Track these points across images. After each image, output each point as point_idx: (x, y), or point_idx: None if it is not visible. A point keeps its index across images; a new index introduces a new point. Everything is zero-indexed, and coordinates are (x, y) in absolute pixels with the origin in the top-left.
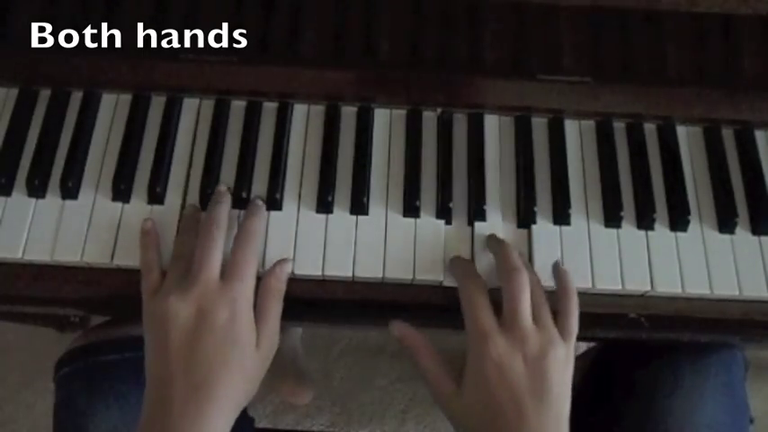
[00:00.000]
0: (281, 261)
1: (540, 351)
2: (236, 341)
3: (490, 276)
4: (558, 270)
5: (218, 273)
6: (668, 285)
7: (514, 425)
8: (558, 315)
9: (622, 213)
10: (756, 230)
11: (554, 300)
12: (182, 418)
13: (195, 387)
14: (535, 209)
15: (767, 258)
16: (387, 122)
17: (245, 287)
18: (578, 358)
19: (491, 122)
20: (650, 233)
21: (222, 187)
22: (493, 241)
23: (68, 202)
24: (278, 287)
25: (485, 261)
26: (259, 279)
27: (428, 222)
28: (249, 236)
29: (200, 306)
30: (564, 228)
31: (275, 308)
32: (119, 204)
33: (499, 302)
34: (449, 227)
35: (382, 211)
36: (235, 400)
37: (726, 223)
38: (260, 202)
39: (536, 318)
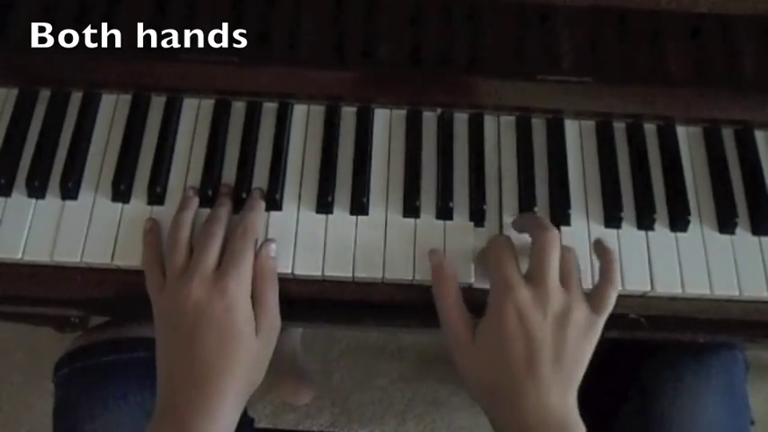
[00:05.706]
0: (265, 242)
1: (562, 311)
2: (235, 331)
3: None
4: (601, 245)
5: (213, 266)
6: (668, 285)
7: (524, 376)
8: (595, 286)
9: (622, 213)
10: (756, 230)
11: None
12: (189, 412)
13: (198, 380)
14: (535, 209)
15: (767, 258)
16: (387, 122)
17: (240, 278)
18: None
19: (491, 122)
20: (650, 233)
21: (224, 189)
22: (519, 217)
23: (68, 203)
24: (268, 267)
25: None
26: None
27: (428, 222)
28: (246, 229)
29: (198, 299)
30: (564, 228)
31: (270, 292)
32: (119, 204)
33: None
34: (449, 227)
35: (382, 212)
36: (240, 390)
37: (726, 223)
38: (258, 194)
39: (563, 280)
